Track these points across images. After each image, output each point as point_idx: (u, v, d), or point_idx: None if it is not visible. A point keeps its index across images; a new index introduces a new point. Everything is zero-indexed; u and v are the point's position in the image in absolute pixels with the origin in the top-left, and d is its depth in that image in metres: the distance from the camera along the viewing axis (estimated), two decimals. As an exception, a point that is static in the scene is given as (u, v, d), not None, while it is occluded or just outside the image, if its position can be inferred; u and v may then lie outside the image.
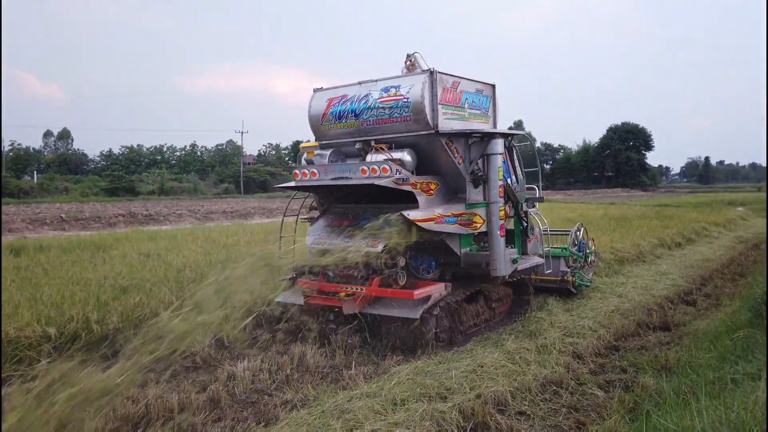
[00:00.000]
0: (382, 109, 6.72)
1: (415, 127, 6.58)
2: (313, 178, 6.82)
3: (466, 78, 7.07)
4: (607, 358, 6.34)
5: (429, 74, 6.49)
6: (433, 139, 6.57)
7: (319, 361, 6.03)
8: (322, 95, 7.41)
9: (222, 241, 13.54)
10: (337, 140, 7.29)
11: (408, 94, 6.52)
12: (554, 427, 4.63)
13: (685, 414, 3.54)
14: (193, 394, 5.19)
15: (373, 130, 6.90)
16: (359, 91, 7.01)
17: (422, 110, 6.41)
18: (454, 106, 6.81)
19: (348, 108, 7.03)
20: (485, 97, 7.47)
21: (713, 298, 9.23)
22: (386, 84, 6.81)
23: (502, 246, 6.83)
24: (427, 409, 4.62)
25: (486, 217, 7.00)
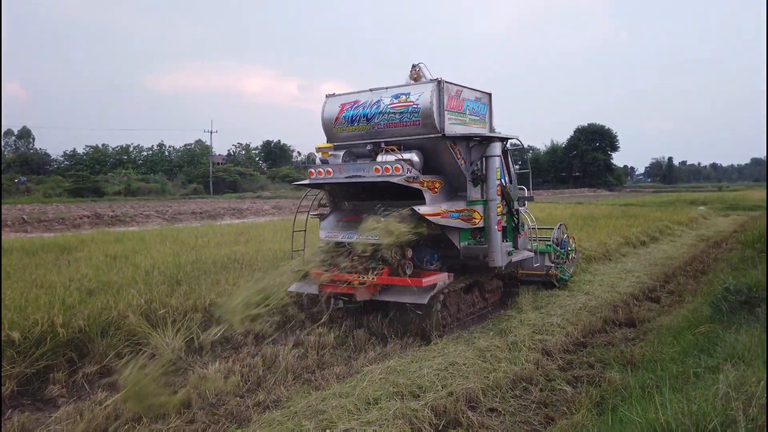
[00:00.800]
0: (393, 114, 7.39)
1: (423, 131, 7.21)
2: (328, 176, 7.40)
3: (468, 87, 7.77)
4: (575, 354, 6.48)
5: (437, 83, 7.15)
6: (439, 142, 7.20)
7: (291, 361, 6.01)
8: (334, 100, 8.03)
9: (191, 242, 13.34)
10: (349, 142, 7.87)
11: (418, 100, 7.18)
12: (524, 422, 4.72)
13: (650, 407, 3.65)
14: (163, 397, 5.11)
15: (383, 133, 7.53)
16: (371, 97, 7.67)
17: (431, 115, 7.08)
18: (457, 112, 7.51)
19: (360, 113, 7.68)
20: (483, 105, 8.20)
21: (676, 295, 9.50)
22: (396, 91, 7.46)
23: (499, 240, 7.51)
24: (400, 408, 4.66)
25: (484, 214, 7.65)
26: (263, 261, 9.99)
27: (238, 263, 9.76)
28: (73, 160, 71.55)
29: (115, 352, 6.08)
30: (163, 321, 6.63)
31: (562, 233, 10.31)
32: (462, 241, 7.53)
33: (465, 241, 7.59)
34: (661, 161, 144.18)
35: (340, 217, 7.81)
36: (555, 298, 9.01)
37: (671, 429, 3.16)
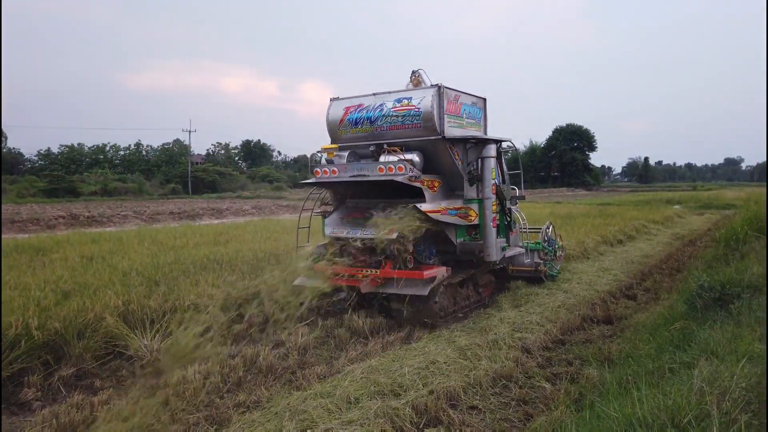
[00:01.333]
0: (396, 117, 7.81)
1: (424, 133, 7.63)
2: (333, 175, 7.78)
3: (465, 92, 8.21)
4: (554, 351, 6.56)
5: (437, 89, 7.59)
6: (439, 144, 7.65)
7: (272, 362, 5.98)
8: (339, 104, 8.44)
9: (170, 242, 13.19)
10: (353, 143, 8.26)
11: (419, 105, 7.60)
12: (504, 420, 4.76)
13: (627, 402, 3.71)
14: (142, 400, 5.05)
15: (386, 134, 7.95)
16: (374, 101, 8.10)
17: (432, 119, 7.50)
18: (455, 116, 7.95)
19: (364, 115, 8.10)
20: (478, 109, 8.66)
21: (652, 292, 9.66)
22: (399, 96, 7.91)
23: (494, 236, 8.05)
24: (381, 407, 4.67)
25: (479, 211, 8.09)
26: (243, 261, 9.92)
27: (218, 264, 9.68)
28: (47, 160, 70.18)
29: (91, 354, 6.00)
30: (141, 322, 6.56)
31: (551, 231, 10.74)
32: (459, 238, 7.96)
33: (461, 238, 8.02)
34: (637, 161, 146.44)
35: (343, 215, 8.18)
36: (534, 297, 9.10)
37: (647, 423, 3.22)
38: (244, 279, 8.41)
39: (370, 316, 7.55)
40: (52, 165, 66.57)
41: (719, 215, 27.39)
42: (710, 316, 5.83)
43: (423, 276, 7.10)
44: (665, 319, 6.56)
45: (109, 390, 5.37)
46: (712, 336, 4.88)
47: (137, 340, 6.27)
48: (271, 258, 10.35)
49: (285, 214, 32.62)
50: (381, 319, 7.47)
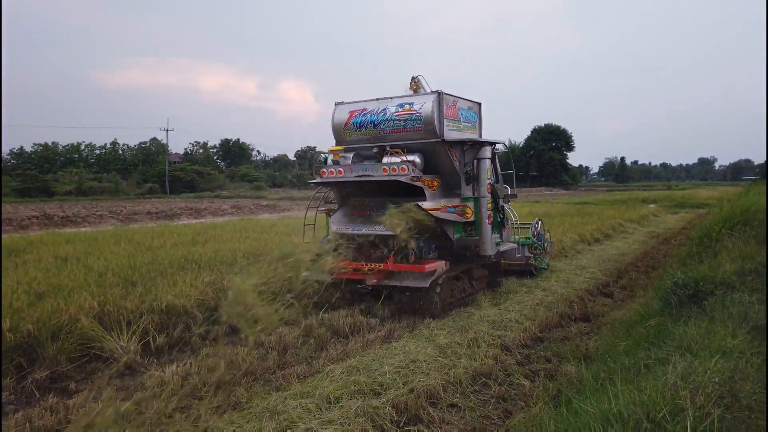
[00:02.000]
0: (398, 121, 8.33)
1: (425, 136, 8.17)
2: (339, 175, 8.22)
3: (462, 98, 8.77)
4: (532, 349, 6.62)
5: (437, 95, 8.11)
6: (438, 146, 8.18)
7: (251, 362, 5.93)
8: (343, 108, 8.92)
9: (147, 243, 13.01)
10: (357, 145, 8.75)
11: (421, 109, 8.12)
12: (484, 417, 4.79)
13: (603, 398, 3.75)
14: (118, 402, 4.97)
15: (388, 137, 8.46)
16: (377, 106, 8.59)
17: (432, 122, 8.03)
18: (453, 119, 8.49)
19: (368, 119, 8.59)
20: (474, 113, 9.25)
21: (628, 290, 9.82)
22: (401, 101, 8.40)
23: (489, 232, 8.58)
24: (362, 406, 4.67)
25: (475, 209, 8.60)
26: (222, 262, 9.83)
27: (196, 264, 9.57)
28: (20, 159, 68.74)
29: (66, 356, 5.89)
30: (117, 324, 6.46)
31: (539, 227, 11.22)
32: (456, 234, 8.48)
33: (458, 234, 8.53)
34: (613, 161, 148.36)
35: (348, 212, 8.68)
36: (513, 295, 9.18)
37: (623, 419, 3.27)
38: (223, 278, 8.33)
39: (350, 315, 7.55)
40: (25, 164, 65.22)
41: (693, 214, 27.92)
42: (684, 312, 5.93)
43: (425, 269, 7.57)
44: (641, 316, 6.66)
45: (85, 392, 5.28)
46: (687, 332, 4.96)
47: (113, 341, 6.18)
48: (250, 257, 10.27)
49: (265, 213, 32.40)
50: (361, 318, 7.47)
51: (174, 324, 6.95)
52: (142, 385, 5.37)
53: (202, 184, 62.38)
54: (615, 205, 30.28)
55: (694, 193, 50.65)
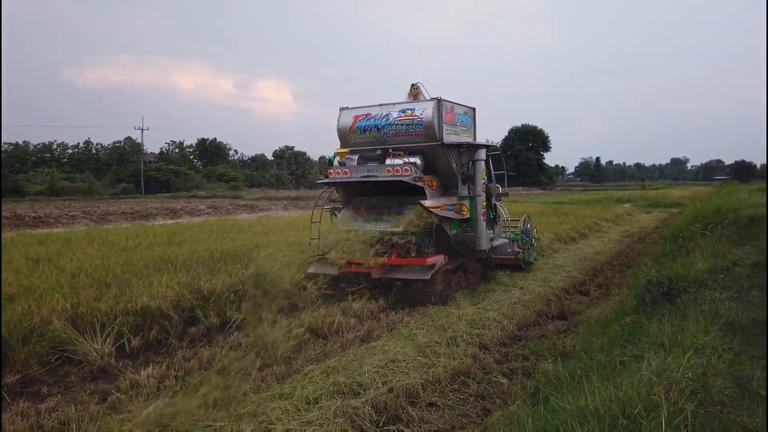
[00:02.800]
0: (400, 125, 8.95)
1: (425, 140, 8.79)
2: (345, 176, 8.90)
3: (458, 104, 9.42)
4: (510, 347, 6.67)
5: (437, 101, 8.73)
6: (437, 149, 8.82)
7: (229, 362, 5.87)
8: (348, 113, 9.50)
9: (121, 243, 12.79)
10: (361, 147, 9.30)
11: (422, 115, 8.75)
12: (462, 415, 4.81)
13: (580, 395, 3.80)
14: (92, 405, 4.89)
15: (391, 140, 9.04)
16: (381, 111, 9.20)
17: (433, 127, 8.67)
18: (451, 124, 9.10)
19: (372, 123, 9.20)
20: (469, 117, 9.93)
21: (604, 288, 9.96)
22: (403, 107, 9.06)
23: (484, 228, 9.22)
24: (341, 406, 4.65)
25: (470, 207, 9.19)
26: (198, 262, 9.70)
27: (172, 265, 9.44)
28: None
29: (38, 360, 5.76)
30: (91, 326, 6.34)
31: (527, 224, 11.89)
32: (452, 230, 9.07)
33: (455, 230, 9.11)
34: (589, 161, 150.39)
35: (353, 211, 9.28)
36: (491, 294, 9.25)
37: (600, 415, 3.31)
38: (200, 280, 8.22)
39: (329, 315, 7.53)
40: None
41: (666, 213, 28.46)
42: (658, 310, 6.03)
43: (426, 263, 8.18)
44: (616, 314, 6.76)
45: (57, 397, 5.17)
46: (660, 329, 5.05)
47: (87, 344, 6.06)
48: (228, 258, 10.16)
49: (242, 213, 32.12)
50: (341, 318, 7.45)
51: (149, 326, 6.85)
52: (117, 388, 5.28)
53: (179, 184, 61.59)
54: (590, 205, 30.71)
55: (668, 192, 51.58)
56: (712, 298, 5.96)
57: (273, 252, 6.51)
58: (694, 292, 6.29)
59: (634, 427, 3.12)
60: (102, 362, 5.92)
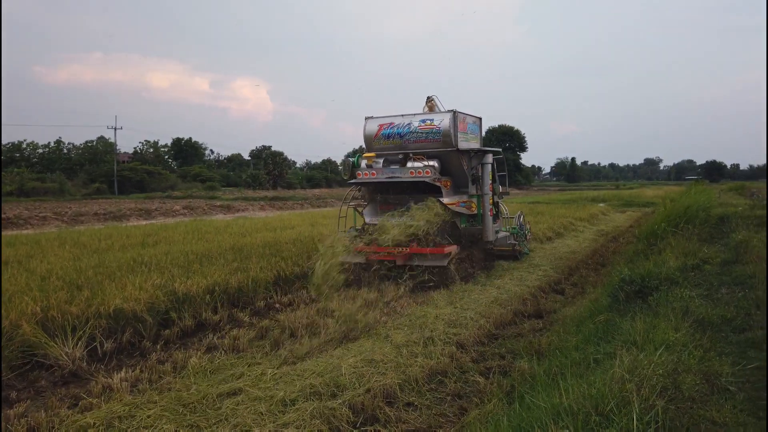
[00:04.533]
0: (420, 133, 10.38)
1: (442, 146, 10.26)
2: (372, 177, 10.27)
3: (469, 114, 10.89)
4: (487, 346, 6.71)
5: (453, 113, 10.19)
6: (452, 154, 10.31)
7: (203, 364, 5.81)
8: (373, 121, 10.90)
9: (94, 245, 12.56)
10: (385, 152, 10.66)
11: (440, 124, 10.21)
12: (439, 415, 4.83)
13: (555, 393, 3.84)
14: (62, 410, 4.79)
15: (411, 146, 10.47)
16: (403, 121, 10.61)
17: (449, 135, 10.13)
18: (463, 132, 10.52)
19: (395, 131, 10.63)
20: (476, 126, 11.36)
21: (579, 287, 10.08)
22: (423, 117, 10.48)
23: (491, 222, 10.72)
24: (318, 408, 4.63)
25: (478, 204, 10.71)
26: (173, 264, 9.58)
27: (146, 266, 9.30)
28: (-44, 158, 65.21)
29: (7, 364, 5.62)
30: (62, 329, 6.21)
31: (522, 218, 13.32)
32: (462, 224, 10.50)
33: (464, 224, 10.56)
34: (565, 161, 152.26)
35: (376, 207, 10.67)
36: (469, 294, 9.30)
37: (573, 412, 3.35)
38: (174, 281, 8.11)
39: (307, 316, 7.49)
40: (-38, 163, 61.89)
41: (640, 213, 28.95)
42: (631, 308, 6.13)
43: (444, 251, 9.42)
44: (591, 312, 6.85)
45: (27, 402, 5.05)
46: (633, 327, 5.13)
47: (58, 348, 5.94)
48: (203, 259, 10.05)
49: (219, 214, 31.81)
50: (317, 318, 7.42)
51: (122, 329, 6.73)
52: (89, 393, 5.18)
53: (153, 184, 60.68)
54: (566, 204, 31.06)
55: (641, 192, 52.51)
56: (682, 295, 6.09)
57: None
58: (665, 290, 6.41)
59: (607, 423, 3.17)
60: (73, 366, 5.80)
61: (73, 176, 61.81)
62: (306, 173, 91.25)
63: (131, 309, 6.88)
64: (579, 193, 52.43)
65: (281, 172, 77.35)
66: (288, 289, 9.33)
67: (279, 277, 9.41)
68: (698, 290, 6.45)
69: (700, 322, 5.23)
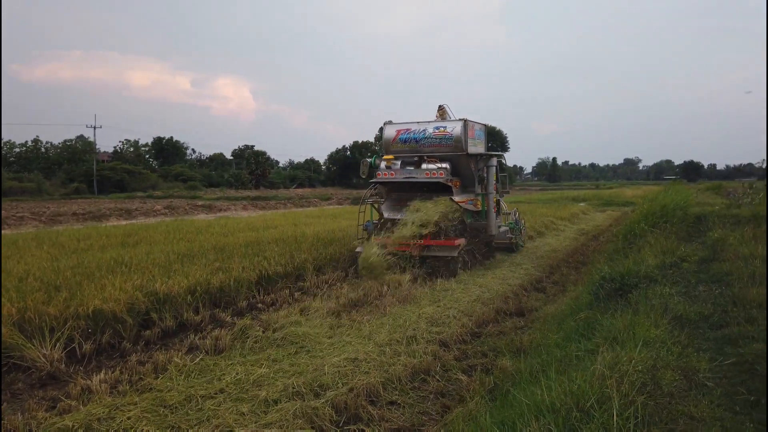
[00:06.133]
0: (434, 138, 11.71)
1: (454, 150, 11.55)
2: (391, 177, 11.63)
3: (476, 122, 12.21)
4: (469, 344, 6.74)
5: (464, 122, 11.53)
6: (462, 157, 11.59)
7: (185, 365, 5.75)
8: (392, 127, 12.23)
9: (72, 245, 12.36)
10: (402, 154, 11.98)
11: (452, 131, 11.55)
12: (422, 413, 4.84)
13: (537, 390, 3.87)
14: (40, 413, 4.71)
15: (425, 150, 11.79)
16: (419, 127, 11.94)
17: (461, 141, 11.47)
18: (472, 138, 11.88)
19: (412, 136, 11.97)
20: (482, 132, 12.82)
21: (560, 285, 10.18)
22: (436, 125, 11.80)
23: (494, 218, 12.08)
24: (301, 407, 4.62)
25: (482, 202, 11.95)
26: (154, 264, 9.46)
27: (126, 266, 9.17)
28: (-71, 157, 63.75)
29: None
30: (39, 331, 6.10)
31: (517, 215, 14.69)
32: (468, 219, 11.79)
33: (470, 219, 11.88)
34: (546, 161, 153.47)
35: (392, 203, 11.95)
36: (451, 292, 9.33)
37: (555, 408, 3.38)
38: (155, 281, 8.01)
39: (289, 315, 7.46)
40: (-65, 162, 60.53)
41: (620, 212, 29.30)
42: (611, 305, 6.20)
43: (454, 243, 10.69)
44: (572, 310, 6.92)
45: (3, 404, 4.96)
46: (613, 324, 5.19)
47: (35, 349, 5.83)
48: (185, 259, 9.95)
49: (200, 214, 31.50)
50: (299, 317, 7.39)
51: (102, 330, 6.64)
52: (68, 395, 5.10)
53: (134, 184, 59.92)
54: (547, 204, 31.34)
55: (621, 191, 53.12)
56: (662, 293, 6.18)
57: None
58: (644, 288, 6.50)
59: (587, 419, 3.20)
60: (51, 368, 5.70)
61: (51, 176, 60.86)
62: (289, 173, 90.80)
63: (111, 310, 6.77)
64: (560, 193, 52.91)
65: (264, 171, 76.87)
66: (271, 289, 9.27)
67: (262, 276, 9.35)
68: (677, 288, 6.55)
69: (679, 319, 5.31)
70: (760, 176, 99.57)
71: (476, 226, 11.86)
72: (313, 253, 10.97)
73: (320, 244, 11.88)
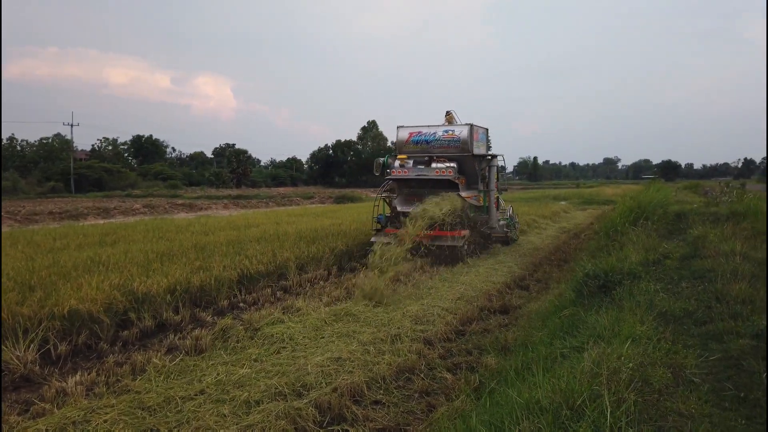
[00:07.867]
0: (443, 141, 13.01)
1: (461, 152, 12.86)
2: (405, 174, 12.78)
3: (480, 126, 13.46)
4: (454, 342, 6.69)
5: (470, 126, 12.83)
6: (467, 158, 12.90)
7: (164, 365, 5.61)
8: (404, 130, 13.49)
9: (48, 244, 12.06)
10: (413, 154, 13.21)
11: (459, 134, 12.89)
12: (407, 412, 4.77)
13: (524, 387, 3.83)
14: (12, 416, 4.54)
15: (435, 150, 13.06)
16: (429, 130, 13.21)
17: (467, 143, 12.80)
18: (476, 140, 13.13)
19: (423, 138, 13.23)
20: (484, 135, 14.07)
21: (543, 283, 10.19)
22: (445, 128, 13.08)
23: (495, 212, 13.75)
24: (283, 408, 4.52)
25: (484, 198, 13.49)
26: (132, 263, 9.26)
27: (103, 266, 8.96)
28: None
29: None
30: (12, 332, 5.91)
31: (511, 210, 15.62)
32: (471, 213, 12.98)
33: (473, 213, 13.07)
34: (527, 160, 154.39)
35: (404, 198, 13.08)
36: (436, 290, 9.29)
37: (544, 407, 3.33)
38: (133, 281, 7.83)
39: (271, 314, 7.35)
40: None
41: (600, 210, 29.59)
42: (596, 302, 6.20)
43: (460, 234, 11.87)
44: (556, 307, 6.91)
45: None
46: (599, 321, 5.17)
47: (8, 351, 5.65)
48: (164, 258, 9.76)
49: (180, 213, 31.09)
50: (282, 315, 7.28)
51: (78, 330, 6.46)
52: (42, 398, 4.94)
53: (112, 183, 58.95)
54: (529, 203, 31.53)
55: (600, 190, 53.68)
56: (646, 289, 6.18)
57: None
58: (628, 284, 6.50)
59: (578, 417, 3.16)
60: (25, 370, 5.52)
61: (27, 174, 59.57)
62: (271, 171, 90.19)
63: (87, 310, 6.59)
64: (541, 192, 53.27)
65: (245, 170, 76.25)
66: (252, 288, 9.14)
67: (243, 275, 9.20)
68: (660, 284, 6.57)
69: (664, 315, 5.31)
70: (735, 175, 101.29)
71: (477, 220, 13.11)
72: (296, 251, 10.86)
73: (303, 243, 11.76)
